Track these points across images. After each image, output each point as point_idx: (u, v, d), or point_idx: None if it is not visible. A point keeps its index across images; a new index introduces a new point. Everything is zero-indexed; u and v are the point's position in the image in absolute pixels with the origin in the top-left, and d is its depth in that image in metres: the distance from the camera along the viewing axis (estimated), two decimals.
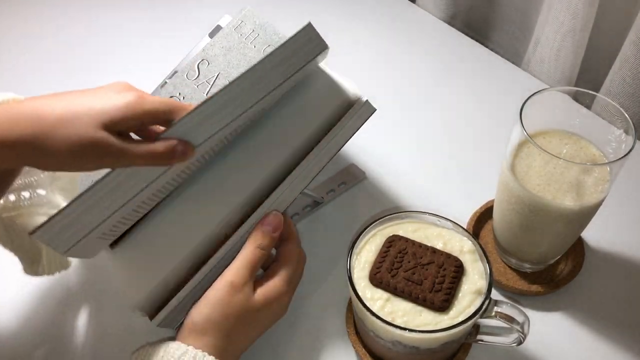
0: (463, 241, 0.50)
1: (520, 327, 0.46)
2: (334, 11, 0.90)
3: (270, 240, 0.50)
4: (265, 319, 0.49)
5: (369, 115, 0.56)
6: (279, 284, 0.49)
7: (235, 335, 0.47)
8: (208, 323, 0.46)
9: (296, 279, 0.51)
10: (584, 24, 0.70)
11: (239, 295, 0.47)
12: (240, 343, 0.48)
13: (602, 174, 0.50)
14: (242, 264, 0.48)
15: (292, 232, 0.52)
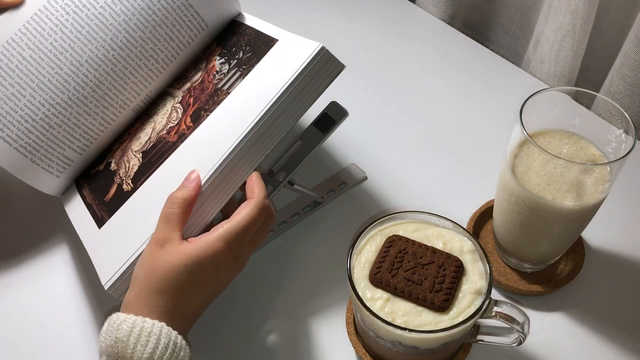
0: (463, 241, 0.50)
1: (520, 327, 0.46)
2: (334, 11, 0.90)
3: (184, 193, 0.47)
4: (207, 278, 0.46)
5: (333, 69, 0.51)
6: (212, 240, 0.46)
7: (171, 293, 0.45)
8: (136, 281, 0.46)
9: (239, 237, 0.47)
10: (584, 23, 0.70)
11: (162, 251, 0.46)
12: (183, 303, 0.46)
13: (602, 174, 0.50)
14: (160, 219, 0.47)
15: (254, 191, 0.49)
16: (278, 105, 0.47)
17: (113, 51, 0.47)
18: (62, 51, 0.46)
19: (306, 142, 0.58)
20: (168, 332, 0.43)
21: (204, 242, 0.46)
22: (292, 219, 0.63)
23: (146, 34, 0.48)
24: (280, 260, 0.61)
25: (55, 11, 0.46)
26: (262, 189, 0.49)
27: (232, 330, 0.55)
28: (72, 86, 0.47)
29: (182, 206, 0.47)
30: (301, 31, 0.87)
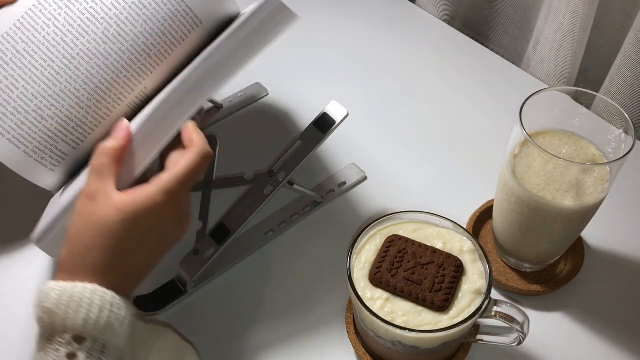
0: (463, 241, 0.50)
1: (520, 327, 0.46)
2: (333, 11, 0.90)
3: (113, 143, 0.45)
4: (146, 233, 0.43)
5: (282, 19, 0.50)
6: (150, 192, 0.43)
7: (106, 250, 0.42)
8: (69, 237, 0.43)
9: (180, 188, 0.44)
10: (583, 23, 0.70)
11: (94, 205, 0.43)
12: (121, 260, 0.43)
13: (602, 174, 0.50)
14: (90, 172, 0.44)
15: (192, 139, 0.46)
16: (213, 50, 0.46)
17: (104, 44, 0.47)
18: (54, 44, 0.47)
19: (306, 142, 0.58)
20: (102, 293, 0.41)
21: (142, 194, 0.43)
22: (292, 219, 0.63)
23: (137, 27, 0.48)
24: (280, 260, 0.61)
25: (48, 5, 0.47)
26: (201, 136, 0.46)
27: (232, 330, 0.55)
28: (65, 79, 0.47)
29: (111, 156, 0.44)
30: (300, 31, 0.87)
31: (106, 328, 0.40)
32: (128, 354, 0.42)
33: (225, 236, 0.56)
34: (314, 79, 0.79)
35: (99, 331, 0.40)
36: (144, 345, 0.44)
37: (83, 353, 0.39)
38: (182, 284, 0.57)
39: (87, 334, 0.40)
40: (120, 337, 0.41)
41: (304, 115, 0.74)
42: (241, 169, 0.61)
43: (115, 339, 0.41)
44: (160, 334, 0.45)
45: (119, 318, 0.41)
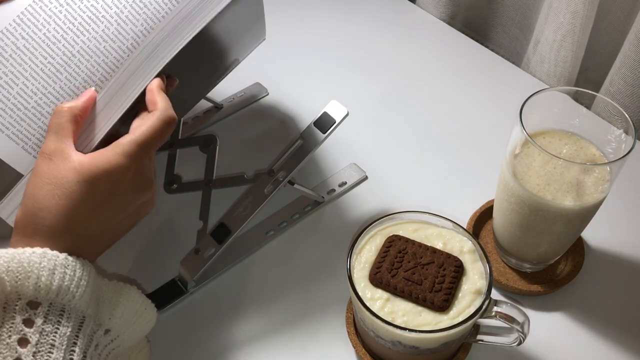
0: (463, 241, 0.50)
1: (520, 327, 0.46)
2: (334, 11, 0.90)
3: (72, 102, 0.44)
4: (105, 197, 0.42)
5: None
6: (110, 155, 0.42)
7: (61, 212, 0.41)
8: (25, 197, 0.42)
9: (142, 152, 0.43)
10: (583, 23, 0.70)
11: (51, 165, 0.42)
12: (78, 224, 0.42)
13: (602, 174, 0.50)
14: (48, 130, 0.43)
15: (156, 102, 0.45)
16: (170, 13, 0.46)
17: (105, 43, 0.47)
18: (54, 41, 0.47)
19: (306, 142, 0.58)
20: (52, 256, 0.39)
21: (102, 156, 0.42)
22: (293, 219, 0.63)
23: (137, 27, 0.48)
24: (280, 260, 0.61)
25: (49, 2, 0.47)
26: (164, 100, 0.45)
27: (232, 329, 0.55)
28: (64, 76, 0.47)
29: (69, 115, 0.43)
30: (300, 31, 0.88)
31: (60, 291, 0.39)
32: (91, 314, 0.41)
33: (226, 236, 0.56)
34: (314, 79, 0.79)
35: (53, 295, 0.39)
36: (108, 303, 0.42)
37: (40, 318, 0.38)
38: (183, 284, 0.57)
39: (41, 298, 0.39)
40: (80, 299, 0.40)
41: (304, 115, 0.74)
42: (241, 168, 0.61)
43: (73, 301, 0.40)
44: (125, 291, 0.44)
45: (74, 280, 0.40)
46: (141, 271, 0.59)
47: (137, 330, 0.45)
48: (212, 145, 0.59)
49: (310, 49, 0.84)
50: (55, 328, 0.39)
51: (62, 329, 0.39)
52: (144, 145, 0.43)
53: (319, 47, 0.84)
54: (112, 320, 0.42)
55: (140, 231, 0.63)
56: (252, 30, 0.60)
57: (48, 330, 0.38)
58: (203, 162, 0.60)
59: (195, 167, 0.60)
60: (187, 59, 0.52)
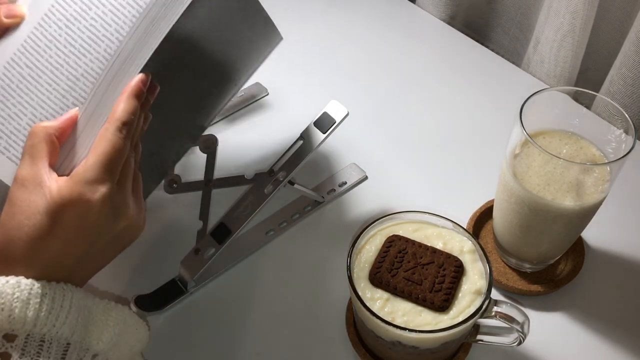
0: (463, 241, 0.50)
1: (520, 327, 0.46)
2: (333, 11, 0.90)
3: (47, 123, 0.42)
4: (75, 231, 0.40)
5: None
6: (70, 183, 0.39)
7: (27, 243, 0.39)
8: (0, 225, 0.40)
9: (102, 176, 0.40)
10: (584, 24, 0.70)
11: (22, 191, 0.39)
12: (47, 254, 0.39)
13: (602, 174, 0.50)
14: (23, 154, 0.41)
15: (115, 112, 0.42)
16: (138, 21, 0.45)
17: (107, 62, 0.47)
18: (57, 67, 0.46)
19: (306, 142, 0.58)
20: (27, 286, 0.37)
21: (66, 186, 0.39)
22: (293, 219, 0.63)
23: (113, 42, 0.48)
24: (280, 260, 0.61)
25: (48, 27, 0.46)
26: (123, 109, 0.41)
27: (232, 329, 0.55)
28: (71, 101, 0.46)
29: (43, 135, 0.41)
30: (300, 31, 0.88)
31: (38, 321, 0.37)
32: (77, 340, 0.39)
33: (226, 236, 0.56)
34: (314, 79, 0.79)
35: (30, 326, 0.37)
36: (97, 325, 0.40)
37: (16, 352, 0.37)
38: (183, 284, 0.57)
39: (17, 330, 0.37)
40: (62, 326, 0.38)
41: (304, 115, 0.74)
42: (241, 169, 0.61)
43: (54, 330, 0.38)
44: (115, 311, 0.42)
45: (53, 308, 0.38)
46: (141, 271, 0.59)
47: (127, 351, 0.43)
48: (213, 146, 0.59)
49: (310, 48, 0.84)
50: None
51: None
52: (103, 164, 0.40)
53: (319, 47, 0.84)
54: (101, 344, 0.40)
55: None
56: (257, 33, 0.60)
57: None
58: (203, 162, 0.60)
59: (195, 167, 0.60)
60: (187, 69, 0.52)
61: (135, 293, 0.56)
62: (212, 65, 0.55)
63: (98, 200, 0.39)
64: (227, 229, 0.57)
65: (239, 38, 0.56)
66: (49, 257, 0.39)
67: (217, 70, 0.56)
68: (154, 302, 0.56)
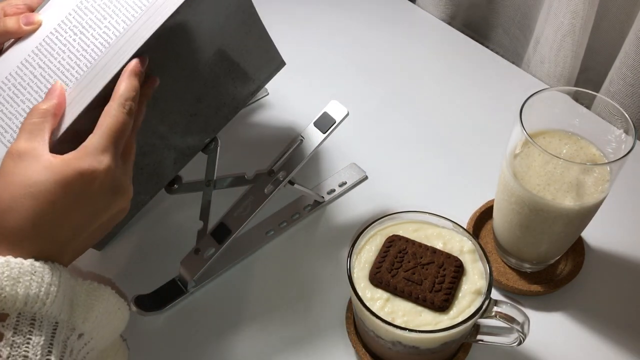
0: (463, 241, 0.50)
1: (520, 327, 0.46)
2: (333, 11, 0.90)
3: (46, 103, 0.43)
4: (77, 201, 0.40)
5: None
6: (79, 155, 0.40)
7: (28, 214, 0.39)
8: None
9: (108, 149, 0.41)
10: (583, 23, 0.70)
11: (20, 164, 0.39)
12: (47, 227, 0.39)
13: (602, 174, 0.50)
14: (20, 131, 0.42)
15: (118, 90, 0.43)
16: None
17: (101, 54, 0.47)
18: (68, 68, 0.47)
19: (306, 142, 0.58)
20: (16, 264, 0.37)
21: (74, 157, 0.40)
22: (293, 219, 0.63)
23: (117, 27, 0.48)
24: (280, 260, 0.61)
25: (64, 32, 0.48)
26: (126, 87, 0.43)
27: (232, 329, 0.55)
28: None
29: (44, 116, 0.42)
30: (300, 31, 0.88)
31: (28, 300, 0.37)
32: (64, 319, 0.39)
33: (226, 236, 0.56)
34: (314, 79, 0.79)
35: (21, 304, 0.37)
36: (82, 305, 0.41)
37: (9, 330, 0.36)
38: (183, 284, 0.57)
39: (8, 309, 0.37)
40: (51, 305, 0.38)
41: (304, 115, 0.74)
42: (241, 169, 0.61)
43: (44, 309, 0.38)
44: (99, 292, 0.42)
45: (43, 286, 0.38)
46: (141, 271, 0.59)
47: (110, 331, 0.43)
48: (213, 146, 0.59)
49: (310, 48, 0.84)
50: (27, 339, 0.37)
51: (35, 339, 0.37)
52: (108, 137, 0.41)
53: (319, 47, 0.84)
54: (86, 324, 0.41)
55: (141, 231, 0.63)
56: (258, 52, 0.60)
57: (19, 342, 0.36)
58: (203, 162, 0.60)
59: (195, 168, 0.60)
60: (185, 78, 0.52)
61: (135, 293, 0.56)
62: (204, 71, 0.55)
63: (102, 171, 0.40)
64: (227, 229, 0.57)
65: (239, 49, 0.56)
66: (44, 230, 0.39)
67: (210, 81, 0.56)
68: (154, 302, 0.56)
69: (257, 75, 0.61)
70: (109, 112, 0.42)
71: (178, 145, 0.56)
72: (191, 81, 0.53)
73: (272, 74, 0.62)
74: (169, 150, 0.56)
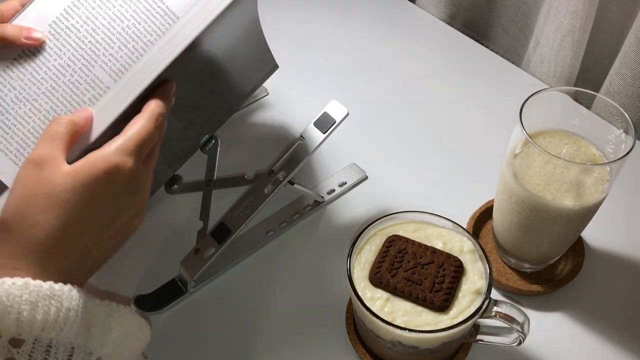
0: (463, 241, 0.50)
1: (520, 327, 0.46)
2: (333, 11, 0.90)
3: (73, 115, 0.43)
4: (100, 203, 0.39)
5: None
6: (104, 154, 0.40)
7: (53, 224, 0.38)
8: (7, 209, 0.38)
9: (134, 153, 0.41)
10: (583, 23, 0.70)
11: (41, 173, 0.38)
12: (71, 237, 0.38)
13: (602, 174, 0.50)
14: (42, 137, 0.41)
15: (150, 104, 0.44)
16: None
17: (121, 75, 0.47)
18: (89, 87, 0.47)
19: (306, 142, 0.58)
20: (35, 287, 0.36)
21: (97, 157, 0.39)
22: (293, 219, 0.63)
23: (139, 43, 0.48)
24: (280, 259, 0.61)
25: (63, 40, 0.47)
26: (159, 104, 0.44)
27: (232, 329, 0.55)
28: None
29: (68, 127, 0.41)
30: (300, 31, 0.88)
31: (46, 325, 0.36)
32: (80, 344, 0.38)
33: (226, 236, 0.56)
34: (314, 79, 0.79)
35: (38, 330, 0.35)
36: (100, 328, 0.39)
37: (24, 357, 0.35)
38: (183, 284, 0.57)
39: (24, 335, 0.35)
40: (68, 330, 0.37)
41: (304, 115, 0.74)
42: (241, 169, 0.61)
43: (61, 334, 0.36)
44: (118, 312, 0.41)
45: (61, 311, 0.36)
46: (141, 271, 0.59)
47: (129, 352, 0.42)
48: (213, 146, 0.59)
49: (310, 48, 0.84)
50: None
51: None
52: (135, 142, 0.41)
53: (319, 47, 0.84)
54: (104, 347, 0.39)
55: (141, 231, 0.62)
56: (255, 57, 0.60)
57: None
58: (203, 162, 0.60)
59: (195, 168, 0.60)
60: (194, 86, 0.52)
61: (135, 293, 0.56)
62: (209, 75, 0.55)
63: (127, 169, 0.40)
64: (227, 229, 0.57)
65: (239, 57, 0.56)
66: (71, 239, 0.38)
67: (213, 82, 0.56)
68: (154, 302, 0.56)
69: (252, 80, 0.61)
70: (137, 121, 0.42)
71: (173, 149, 0.56)
72: (193, 90, 0.53)
73: (266, 78, 0.62)
74: (163, 154, 0.56)
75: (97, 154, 0.40)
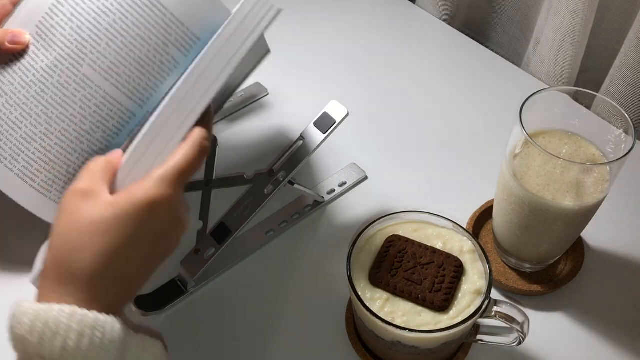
0: (463, 241, 0.50)
1: (520, 327, 0.46)
2: (334, 11, 0.90)
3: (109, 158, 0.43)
4: (143, 231, 0.39)
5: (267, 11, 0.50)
6: (147, 185, 0.39)
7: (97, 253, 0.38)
8: (54, 239, 0.39)
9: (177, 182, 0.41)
10: (583, 23, 0.70)
11: (85, 202, 0.39)
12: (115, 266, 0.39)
13: (602, 174, 0.50)
14: (82, 171, 0.42)
15: (194, 131, 0.43)
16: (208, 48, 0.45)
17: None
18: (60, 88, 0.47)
19: (306, 142, 0.58)
20: (81, 317, 0.36)
21: (138, 188, 0.39)
22: (293, 219, 0.63)
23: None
24: (280, 259, 0.61)
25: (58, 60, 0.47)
26: (200, 130, 0.43)
27: (232, 329, 0.55)
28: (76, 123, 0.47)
29: (106, 166, 0.42)
30: (300, 31, 0.88)
31: (88, 354, 0.36)
32: None
33: (226, 236, 0.56)
34: (314, 79, 0.79)
35: (80, 359, 0.36)
36: (132, 359, 0.39)
37: None
38: (183, 284, 0.57)
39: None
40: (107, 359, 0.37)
41: (304, 115, 0.74)
42: (241, 168, 0.61)
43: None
44: (150, 346, 0.41)
45: (104, 342, 0.37)
46: None
47: None
48: (213, 146, 0.59)
49: (310, 48, 0.84)
50: None
51: None
52: (177, 172, 0.41)
53: (319, 47, 0.84)
54: None
55: None
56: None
57: None
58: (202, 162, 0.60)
59: None
60: None
61: None
62: None
63: (166, 199, 0.40)
64: (227, 229, 0.57)
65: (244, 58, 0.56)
66: (115, 266, 0.39)
67: None
68: (154, 302, 0.56)
69: (247, 67, 0.60)
70: (182, 149, 0.42)
71: None
72: None
73: (259, 63, 0.62)
74: None
75: (138, 186, 0.40)
